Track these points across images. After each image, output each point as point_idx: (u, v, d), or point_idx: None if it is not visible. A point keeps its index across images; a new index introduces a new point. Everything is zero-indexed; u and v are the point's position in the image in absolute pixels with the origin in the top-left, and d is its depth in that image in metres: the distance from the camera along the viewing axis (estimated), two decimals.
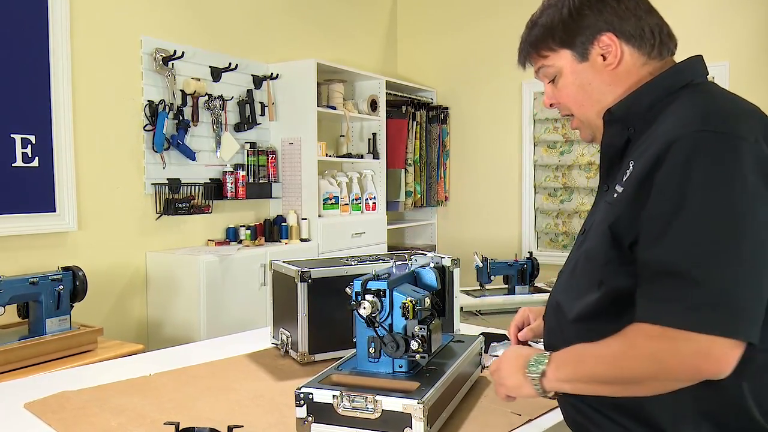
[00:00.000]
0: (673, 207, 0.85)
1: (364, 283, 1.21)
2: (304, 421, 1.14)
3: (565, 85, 1.05)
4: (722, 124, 0.87)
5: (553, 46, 1.04)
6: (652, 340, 0.86)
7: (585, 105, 1.05)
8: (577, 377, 0.95)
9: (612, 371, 0.90)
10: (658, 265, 0.86)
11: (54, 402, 1.37)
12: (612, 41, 1.00)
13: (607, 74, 1.02)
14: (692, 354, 0.83)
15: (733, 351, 0.83)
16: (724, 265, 0.83)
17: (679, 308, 0.83)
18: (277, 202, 3.71)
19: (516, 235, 4.51)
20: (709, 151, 0.85)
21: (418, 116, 4.48)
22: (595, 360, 0.93)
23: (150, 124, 3.03)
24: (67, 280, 2.23)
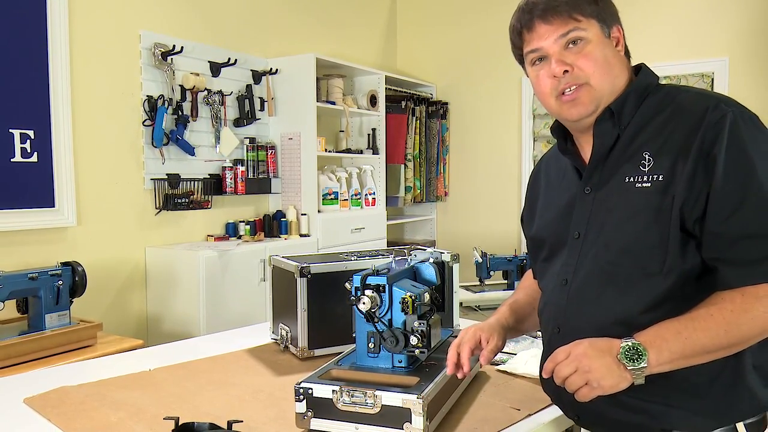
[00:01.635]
0: (742, 176, 0.94)
1: (363, 279, 1.21)
2: (303, 416, 1.14)
3: (593, 52, 1.06)
4: (739, 105, 1.02)
5: (587, 12, 1.06)
6: (761, 300, 0.93)
7: (606, 75, 1.07)
8: (682, 353, 0.95)
9: (723, 338, 0.94)
10: (740, 232, 0.94)
11: (54, 397, 1.37)
12: (621, 32, 1.11)
13: (619, 59, 1.10)
14: None
15: None
16: None
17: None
18: (277, 197, 3.70)
19: (515, 230, 4.51)
20: (752, 125, 0.98)
21: (417, 111, 4.47)
22: (702, 332, 0.94)
23: (149, 119, 3.02)
24: (67, 275, 2.23)
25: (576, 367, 0.95)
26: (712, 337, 0.94)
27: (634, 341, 0.95)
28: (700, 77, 3.84)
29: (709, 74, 3.82)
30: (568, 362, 0.97)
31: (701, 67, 3.83)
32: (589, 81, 1.06)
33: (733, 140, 0.96)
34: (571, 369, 0.96)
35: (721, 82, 3.77)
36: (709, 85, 3.81)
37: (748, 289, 0.94)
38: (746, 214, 0.94)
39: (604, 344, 0.96)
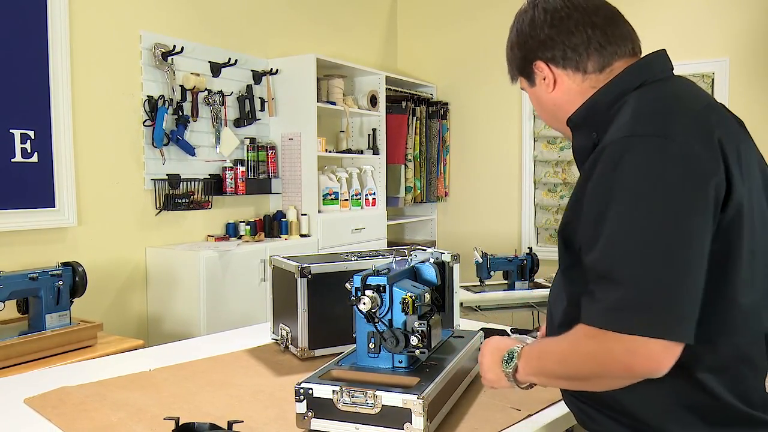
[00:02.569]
0: (601, 212, 0.89)
1: (363, 279, 1.21)
2: (304, 416, 1.14)
3: (532, 102, 1.17)
4: (650, 127, 0.89)
5: (513, 74, 1.16)
6: (589, 340, 0.89)
7: (548, 119, 1.15)
8: (540, 372, 1.01)
9: (563, 369, 0.96)
10: (594, 269, 0.90)
11: (54, 397, 1.37)
12: (542, 68, 1.08)
13: (552, 95, 1.09)
14: (623, 353, 0.85)
15: (662, 350, 0.84)
16: (646, 267, 0.84)
17: (606, 309, 0.86)
18: (277, 197, 3.70)
19: (516, 230, 4.51)
20: (634, 155, 0.87)
21: (418, 112, 4.47)
22: (550, 357, 0.99)
23: (149, 119, 3.02)
24: (67, 275, 2.23)
25: (479, 359, 1.13)
26: (555, 365, 0.97)
27: (516, 349, 1.04)
28: (700, 77, 3.84)
29: (710, 74, 3.82)
30: (481, 351, 1.13)
31: (702, 67, 3.83)
32: (545, 122, 1.19)
33: (602, 173, 0.89)
34: (480, 356, 1.13)
35: (721, 82, 3.77)
36: (710, 86, 3.81)
37: (584, 327, 0.90)
38: (598, 249, 0.88)
39: (502, 344, 1.08)
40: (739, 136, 0.98)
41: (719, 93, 3.77)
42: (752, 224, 0.92)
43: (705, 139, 0.89)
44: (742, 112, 1.07)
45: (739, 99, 3.70)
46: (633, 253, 0.85)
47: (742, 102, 3.69)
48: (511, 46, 1.13)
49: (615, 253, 0.87)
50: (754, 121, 3.71)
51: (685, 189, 0.85)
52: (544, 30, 1.05)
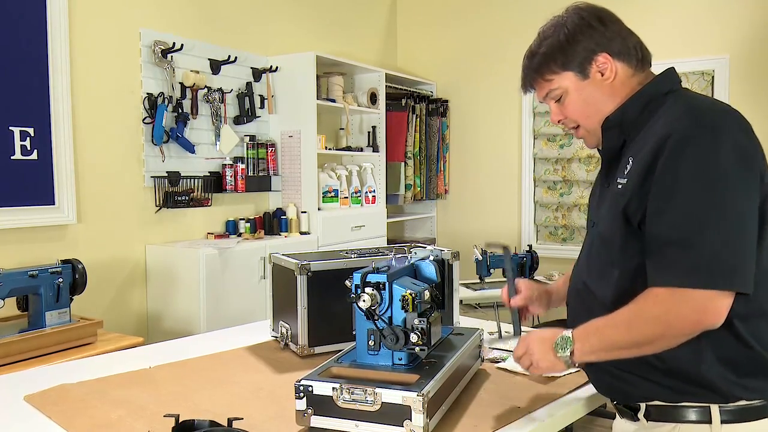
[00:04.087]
0: (669, 189, 1.03)
1: (363, 276, 1.21)
2: (303, 414, 1.14)
3: (572, 101, 1.20)
4: (706, 119, 1.05)
5: (556, 69, 1.19)
6: (657, 303, 1.03)
7: (591, 116, 1.20)
8: (600, 347, 1.10)
9: (626, 336, 1.06)
10: (661, 237, 1.03)
11: (54, 394, 1.37)
12: (607, 59, 1.16)
13: (607, 87, 1.17)
14: (691, 310, 1.00)
15: (724, 302, 1.00)
16: (712, 232, 1.00)
17: (678, 270, 1.01)
18: (277, 195, 3.70)
19: (515, 228, 4.51)
20: (696, 141, 1.03)
21: (417, 109, 4.47)
22: (611, 329, 1.09)
23: (149, 116, 3.02)
24: (67, 273, 2.23)
25: (525, 350, 1.18)
26: (620, 335, 1.07)
27: (568, 334, 1.13)
28: (700, 75, 3.84)
29: (710, 72, 3.81)
30: (521, 346, 1.19)
31: (702, 65, 3.82)
32: (578, 124, 1.22)
33: (669, 158, 1.03)
34: (522, 351, 1.19)
35: (721, 80, 3.77)
36: (710, 83, 3.81)
37: (653, 291, 1.04)
38: (666, 221, 1.03)
39: (548, 334, 1.16)
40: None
41: (719, 90, 3.77)
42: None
43: (747, 130, 1.06)
44: (742, 109, 1.12)
45: (739, 96, 3.70)
46: (701, 222, 1.00)
47: (742, 99, 3.68)
48: (566, 41, 1.17)
49: (685, 222, 1.01)
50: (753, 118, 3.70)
51: (740, 172, 1.02)
52: (607, 26, 1.16)
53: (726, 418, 1.07)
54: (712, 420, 1.07)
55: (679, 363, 1.07)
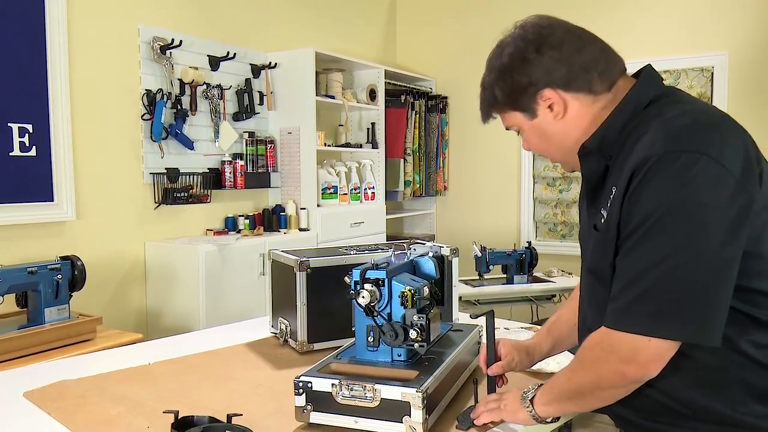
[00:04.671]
0: (639, 224, 0.91)
1: (362, 273, 1.21)
2: (303, 410, 1.14)
3: (529, 137, 1.11)
4: (685, 143, 0.90)
5: (502, 108, 1.10)
6: (591, 348, 0.97)
7: (551, 150, 1.11)
8: (554, 398, 1.06)
9: (567, 384, 1.02)
10: (620, 276, 0.94)
11: (53, 391, 1.37)
12: (552, 95, 1.03)
13: (560, 123, 1.05)
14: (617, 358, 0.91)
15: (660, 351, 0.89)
16: (673, 272, 0.88)
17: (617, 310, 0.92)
18: (276, 191, 3.70)
19: (515, 224, 4.51)
20: (671, 170, 0.89)
21: (417, 106, 4.46)
22: (562, 378, 1.05)
23: (148, 113, 3.01)
24: (66, 269, 2.23)
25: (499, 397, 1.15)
26: (563, 383, 1.03)
27: (536, 384, 1.10)
28: (700, 71, 3.84)
29: (709, 68, 3.81)
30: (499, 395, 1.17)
31: (701, 61, 3.82)
32: (545, 154, 1.14)
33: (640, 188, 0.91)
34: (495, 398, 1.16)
35: (720, 76, 3.77)
36: (709, 80, 3.81)
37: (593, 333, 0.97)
38: (630, 259, 0.93)
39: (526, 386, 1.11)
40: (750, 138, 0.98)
41: (718, 87, 3.77)
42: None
43: (737, 150, 0.91)
44: (741, 106, 1.08)
45: (738, 93, 3.70)
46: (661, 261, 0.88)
47: (741, 96, 3.68)
48: (500, 77, 1.06)
49: (645, 260, 0.90)
50: (752, 115, 3.70)
51: (722, 205, 0.88)
52: (545, 55, 1.00)
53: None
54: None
55: (708, 406, 0.96)
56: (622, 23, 3.94)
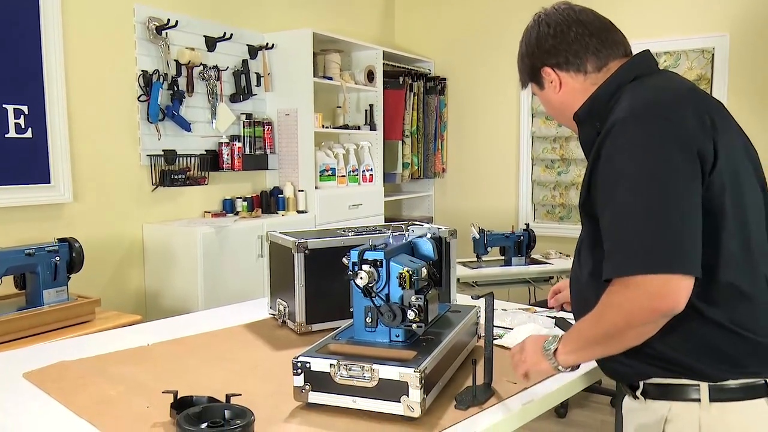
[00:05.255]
0: (609, 182, 1.07)
1: (361, 254, 1.21)
2: (301, 390, 1.15)
3: (543, 104, 1.36)
4: (646, 109, 1.07)
5: (525, 80, 1.35)
6: (614, 294, 1.04)
7: (557, 116, 1.34)
8: (578, 345, 1.13)
9: (598, 330, 1.09)
10: (606, 231, 1.07)
11: (53, 371, 1.37)
12: (549, 73, 1.27)
13: (559, 95, 1.28)
14: (644, 295, 1.00)
15: (679, 285, 0.99)
16: (650, 219, 1.01)
17: (623, 259, 1.02)
18: (274, 173, 3.69)
19: (513, 206, 4.51)
20: (634, 132, 1.06)
21: (415, 87, 4.44)
22: (586, 326, 1.11)
23: (144, 94, 2.99)
24: (63, 251, 2.23)
25: (521, 347, 1.24)
26: (590, 329, 1.11)
27: (559, 334, 1.18)
28: (700, 53, 3.81)
29: (710, 50, 3.78)
30: (519, 344, 1.25)
31: (701, 42, 3.79)
32: (556, 119, 1.36)
33: (607, 152, 1.08)
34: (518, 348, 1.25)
35: (721, 58, 3.74)
36: (710, 61, 3.78)
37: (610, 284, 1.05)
38: (609, 215, 1.06)
39: (542, 336, 1.21)
40: (721, 112, 1.13)
41: (719, 69, 3.75)
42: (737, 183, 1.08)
43: (693, 115, 1.06)
44: (742, 87, 1.11)
45: (739, 75, 3.68)
46: (640, 213, 1.02)
47: (742, 78, 3.66)
48: (521, 57, 1.32)
49: (625, 213, 1.03)
50: (752, 96, 3.69)
51: (678, 159, 1.02)
52: (548, 41, 1.25)
53: (715, 397, 1.08)
54: (701, 399, 1.09)
55: (667, 350, 1.09)
56: (624, 4, 3.90)
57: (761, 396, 1.09)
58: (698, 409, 1.09)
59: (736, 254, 1.07)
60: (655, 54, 1.46)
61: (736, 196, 1.08)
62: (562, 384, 1.30)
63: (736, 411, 1.09)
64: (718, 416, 1.09)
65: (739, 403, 1.09)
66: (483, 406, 1.17)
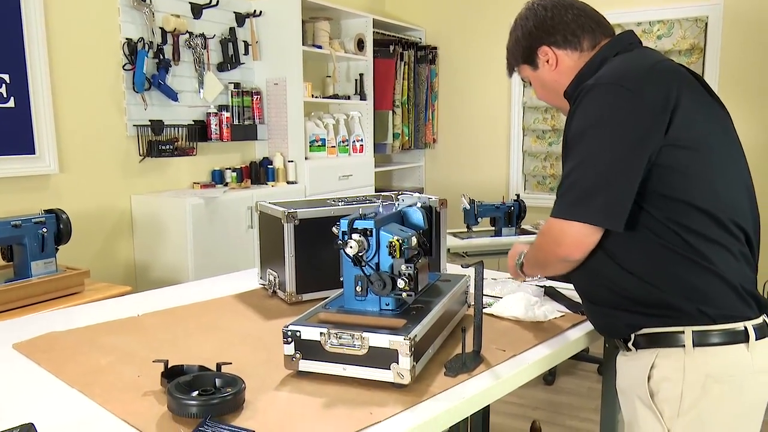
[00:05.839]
0: (568, 141, 1.22)
1: (350, 223, 1.20)
2: (292, 358, 1.16)
3: (535, 87, 1.44)
4: (611, 77, 1.19)
5: (516, 64, 1.44)
6: (542, 230, 1.25)
7: (550, 96, 1.42)
8: (530, 265, 1.41)
9: (534, 256, 1.35)
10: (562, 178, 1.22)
11: (43, 342, 1.37)
12: (547, 51, 1.35)
13: (554, 73, 1.36)
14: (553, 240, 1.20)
15: (582, 234, 1.16)
16: (582, 173, 1.16)
17: (556, 204, 1.20)
18: (263, 144, 3.66)
19: (503, 177, 4.51)
20: (593, 97, 1.18)
21: (406, 56, 4.38)
22: (531, 251, 1.37)
23: (129, 63, 2.93)
24: (51, 222, 2.21)
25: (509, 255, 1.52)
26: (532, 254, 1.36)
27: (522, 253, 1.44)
28: (694, 21, 3.78)
29: (704, 18, 3.75)
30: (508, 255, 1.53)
31: (695, 11, 3.76)
32: (547, 100, 1.45)
33: (572, 113, 1.21)
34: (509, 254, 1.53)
35: (714, 26, 3.71)
36: (703, 30, 3.76)
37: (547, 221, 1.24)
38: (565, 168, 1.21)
39: (519, 248, 1.48)
40: (693, 86, 1.21)
41: (712, 37, 3.72)
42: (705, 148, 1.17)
43: (654, 87, 1.15)
44: (735, 56, 1.12)
45: (732, 44, 3.65)
46: (578, 167, 1.17)
47: (735, 46, 3.65)
48: (516, 41, 1.40)
49: (570, 165, 1.19)
50: (745, 65, 3.67)
51: (627, 124, 1.14)
52: (547, 22, 1.34)
53: (699, 342, 1.16)
54: (686, 344, 1.16)
55: (640, 293, 1.20)
56: None
57: (741, 341, 1.16)
58: (683, 354, 1.17)
59: (702, 207, 1.15)
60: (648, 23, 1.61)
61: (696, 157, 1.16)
62: (550, 351, 1.31)
63: (718, 355, 1.16)
64: (701, 360, 1.16)
65: (720, 347, 1.16)
66: (472, 373, 1.18)
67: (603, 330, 1.35)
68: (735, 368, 1.16)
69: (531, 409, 3.03)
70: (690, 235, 1.15)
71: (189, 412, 0.98)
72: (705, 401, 1.16)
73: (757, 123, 3.63)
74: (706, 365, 1.16)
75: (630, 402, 1.26)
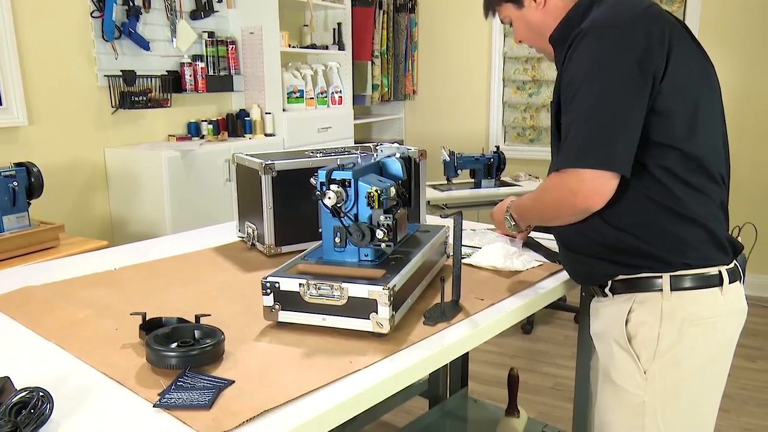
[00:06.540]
0: (567, 90, 1.17)
1: (328, 173, 1.19)
2: (271, 309, 1.16)
3: (518, 28, 1.38)
4: (605, 22, 1.17)
5: (497, 3, 1.37)
6: (550, 179, 1.20)
7: (534, 39, 1.37)
8: (520, 216, 1.40)
9: (534, 206, 1.30)
10: (563, 132, 1.17)
11: (18, 297, 1.35)
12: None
13: (540, 13, 1.32)
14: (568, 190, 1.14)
15: (598, 183, 1.11)
16: (590, 121, 1.12)
17: (564, 155, 1.15)
18: (239, 95, 3.58)
19: (483, 129, 4.50)
20: (588, 40, 1.15)
21: (385, 5, 4.27)
22: (528, 201, 1.33)
23: (97, 9, 2.81)
24: (21, 176, 2.15)
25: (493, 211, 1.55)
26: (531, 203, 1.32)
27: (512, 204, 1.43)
28: None
29: None
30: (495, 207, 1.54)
31: None
32: (530, 42, 1.40)
33: (569, 58, 1.17)
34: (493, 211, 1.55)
35: None
36: None
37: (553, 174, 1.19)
38: (566, 118, 1.17)
39: (508, 201, 1.46)
40: (680, 31, 1.20)
41: None
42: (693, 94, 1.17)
43: (648, 29, 1.14)
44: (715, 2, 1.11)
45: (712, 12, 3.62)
46: (583, 115, 1.13)
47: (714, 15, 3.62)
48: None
49: (573, 113, 1.15)
50: (725, 13, 3.65)
51: (626, 68, 1.11)
52: None
53: (675, 286, 1.19)
54: (663, 288, 1.19)
55: (622, 243, 1.21)
56: None
57: (716, 285, 1.19)
58: (660, 298, 1.20)
59: (691, 153, 1.16)
60: None
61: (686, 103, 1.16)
62: (528, 300, 1.33)
63: (694, 299, 1.19)
64: (677, 304, 1.19)
65: (696, 291, 1.19)
66: (451, 322, 1.19)
67: (579, 277, 1.37)
68: (710, 311, 1.20)
69: (509, 358, 3.11)
70: (677, 184, 1.16)
71: (168, 364, 0.98)
72: (681, 343, 1.19)
73: (735, 69, 3.64)
74: (682, 309, 1.19)
75: (607, 346, 1.29)
